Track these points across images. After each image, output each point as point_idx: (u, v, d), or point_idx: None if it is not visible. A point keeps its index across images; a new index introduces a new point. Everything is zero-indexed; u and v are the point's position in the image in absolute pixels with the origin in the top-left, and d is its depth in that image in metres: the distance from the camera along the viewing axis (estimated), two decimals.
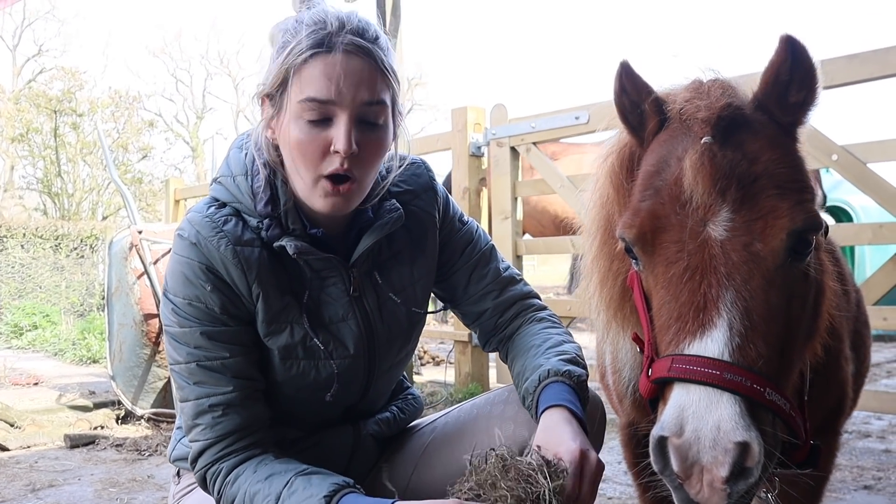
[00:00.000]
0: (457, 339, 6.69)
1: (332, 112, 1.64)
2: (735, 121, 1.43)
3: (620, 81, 1.55)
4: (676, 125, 1.49)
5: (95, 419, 5.54)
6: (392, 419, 2.10)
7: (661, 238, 1.40)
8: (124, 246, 5.64)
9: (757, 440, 1.20)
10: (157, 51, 37.84)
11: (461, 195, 6.68)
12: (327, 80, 1.63)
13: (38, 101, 25.86)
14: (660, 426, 1.26)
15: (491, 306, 2.05)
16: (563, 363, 1.80)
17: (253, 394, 1.76)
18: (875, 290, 4.45)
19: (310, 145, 1.65)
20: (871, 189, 4.41)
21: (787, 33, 1.40)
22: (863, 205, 10.05)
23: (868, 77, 4.35)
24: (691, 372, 1.26)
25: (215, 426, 1.71)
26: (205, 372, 1.71)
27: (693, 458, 1.20)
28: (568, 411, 1.67)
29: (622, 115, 1.59)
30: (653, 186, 1.44)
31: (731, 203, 1.35)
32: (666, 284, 1.38)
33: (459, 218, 2.09)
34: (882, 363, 8.38)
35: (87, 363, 9.51)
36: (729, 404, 1.22)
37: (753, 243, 1.34)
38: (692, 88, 1.53)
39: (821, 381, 1.82)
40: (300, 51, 1.64)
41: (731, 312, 1.30)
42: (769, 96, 1.47)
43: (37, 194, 27.93)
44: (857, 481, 3.99)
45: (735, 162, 1.38)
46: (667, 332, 1.36)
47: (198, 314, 1.71)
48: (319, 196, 1.69)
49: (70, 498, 3.96)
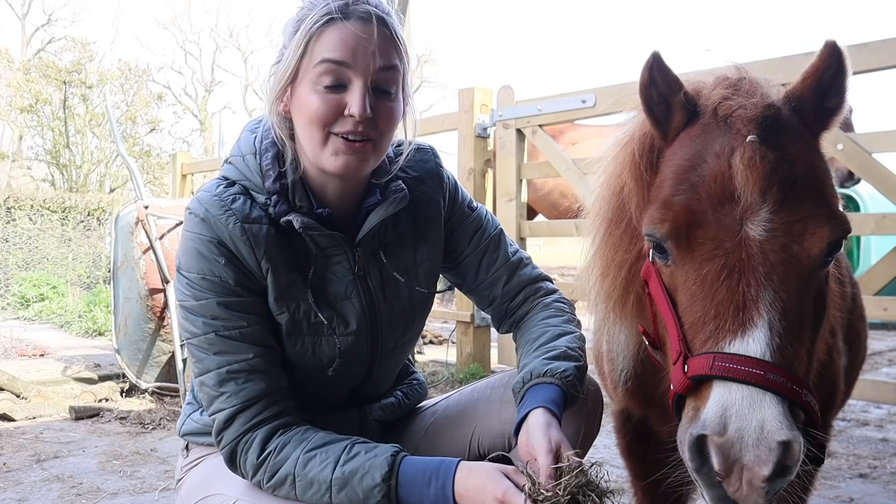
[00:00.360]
0: (459, 319, 6.73)
1: (348, 77, 1.69)
2: (776, 121, 1.43)
3: (651, 73, 1.52)
4: (710, 122, 1.48)
5: (100, 392, 5.60)
6: (397, 404, 2.13)
7: (696, 234, 1.40)
8: (130, 221, 5.67)
9: (798, 439, 1.21)
10: (167, 22, 37.79)
11: (466, 176, 6.69)
12: (343, 44, 1.68)
13: (48, 72, 25.81)
14: (700, 425, 1.26)
15: (501, 292, 2.08)
16: (547, 362, 1.82)
17: (273, 360, 1.79)
18: (877, 280, 4.46)
19: (324, 106, 1.69)
20: (876, 179, 4.40)
21: (832, 40, 1.41)
22: (870, 193, 10.01)
23: (876, 66, 4.32)
24: (735, 371, 1.26)
25: (240, 392, 1.73)
26: (224, 341, 1.73)
27: (735, 457, 1.21)
28: (545, 410, 1.70)
29: (647, 106, 1.56)
30: (688, 182, 1.43)
31: (773, 204, 1.35)
32: (700, 281, 1.38)
33: (468, 204, 2.11)
34: (884, 351, 8.39)
35: (93, 335, 9.59)
36: (772, 404, 1.23)
37: (791, 245, 1.34)
38: (726, 85, 1.52)
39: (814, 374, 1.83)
40: (316, 18, 1.68)
41: (771, 313, 1.30)
42: (807, 99, 1.48)
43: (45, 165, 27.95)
44: (852, 469, 4.02)
45: (777, 163, 1.38)
46: (702, 330, 1.36)
47: (213, 287, 1.74)
48: (331, 155, 1.72)
49: (74, 469, 4.02)
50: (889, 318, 4.50)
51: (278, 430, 1.74)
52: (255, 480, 1.73)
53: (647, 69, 1.53)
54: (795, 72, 1.54)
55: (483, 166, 6.77)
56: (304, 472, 1.66)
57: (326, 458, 1.66)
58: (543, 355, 1.85)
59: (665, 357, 1.58)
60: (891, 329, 10.19)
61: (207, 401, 1.77)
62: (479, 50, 75.50)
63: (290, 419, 1.77)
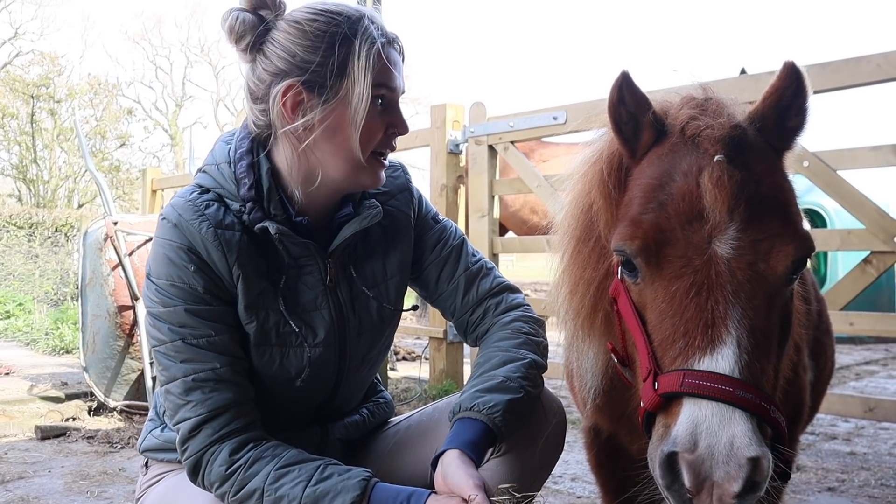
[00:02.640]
0: (432, 335, 6.72)
1: (393, 99, 1.82)
2: (742, 141, 1.46)
3: (620, 92, 1.54)
4: (678, 141, 1.50)
5: (67, 410, 5.51)
6: (361, 422, 2.12)
7: (665, 252, 1.41)
8: (99, 237, 5.61)
9: (767, 456, 1.22)
10: (137, 37, 37.53)
11: (439, 192, 6.70)
12: (394, 69, 1.80)
13: (15, 86, 25.54)
14: (671, 442, 1.27)
15: (460, 304, 2.07)
16: (479, 394, 1.78)
17: (241, 370, 1.78)
18: (843, 295, 4.52)
19: (378, 128, 1.80)
20: (841, 196, 4.48)
21: (791, 60, 1.44)
22: (836, 209, 10.17)
23: (839, 85, 4.41)
24: (705, 388, 1.27)
25: (206, 401, 1.71)
26: (191, 349, 1.72)
27: (706, 474, 1.22)
28: (459, 452, 1.65)
29: (616, 125, 1.58)
30: (657, 200, 1.45)
31: (740, 222, 1.37)
32: (669, 299, 1.39)
33: (433, 217, 2.13)
34: (851, 366, 8.51)
35: (60, 353, 9.44)
36: (742, 421, 1.24)
37: (758, 263, 1.36)
38: (693, 105, 1.54)
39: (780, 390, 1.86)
40: (372, 44, 1.74)
41: (740, 330, 1.32)
42: (769, 119, 1.50)
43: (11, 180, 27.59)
44: (821, 483, 4.06)
45: (744, 182, 1.40)
46: (671, 347, 1.37)
47: (181, 294, 1.73)
48: (370, 172, 1.83)
49: (40, 490, 3.95)
50: (856, 333, 4.57)
51: (248, 443, 1.72)
52: (219, 492, 1.71)
53: (617, 88, 1.54)
54: (762, 90, 1.56)
55: (455, 182, 6.79)
56: (273, 487, 1.65)
57: (299, 477, 1.64)
58: (478, 386, 1.82)
59: (634, 374, 1.58)
60: (858, 343, 10.34)
61: (173, 409, 1.75)
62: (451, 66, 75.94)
63: (260, 433, 1.76)
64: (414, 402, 6.06)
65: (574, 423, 4.61)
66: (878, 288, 9.87)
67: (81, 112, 26.95)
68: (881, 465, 4.42)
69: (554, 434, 1.96)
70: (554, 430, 1.95)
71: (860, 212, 4.38)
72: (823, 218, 11.18)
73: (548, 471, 1.98)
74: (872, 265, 4.41)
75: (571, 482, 4.02)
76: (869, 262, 4.43)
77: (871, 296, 9.21)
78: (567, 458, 4.46)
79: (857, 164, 4.55)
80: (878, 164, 4.46)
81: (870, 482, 4.07)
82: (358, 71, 1.72)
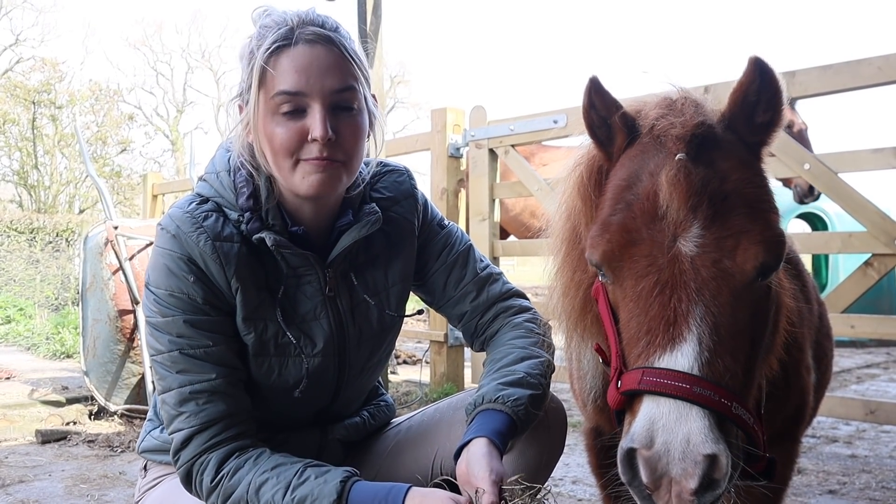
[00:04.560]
0: (433, 338, 6.71)
1: (305, 103, 1.69)
2: (707, 139, 1.45)
3: (589, 97, 1.56)
4: (648, 141, 1.50)
5: (68, 415, 5.50)
6: (361, 424, 2.11)
7: (632, 252, 1.41)
8: (100, 241, 5.61)
9: (725, 453, 1.21)
10: (138, 43, 37.58)
11: (439, 196, 6.70)
12: (295, 72, 1.68)
13: (16, 92, 25.58)
14: (629, 438, 1.27)
15: (470, 308, 2.07)
16: (502, 387, 1.80)
17: (236, 382, 1.78)
18: (844, 297, 4.52)
19: (286, 135, 1.69)
20: (842, 198, 4.48)
21: (756, 55, 1.42)
22: (837, 212, 10.17)
23: (841, 88, 4.42)
24: (662, 385, 1.27)
25: (200, 413, 1.71)
26: (188, 360, 1.72)
27: (662, 470, 1.21)
28: (487, 441, 1.67)
29: (590, 129, 1.60)
30: (624, 200, 1.45)
31: (703, 220, 1.37)
32: (635, 298, 1.39)
33: (439, 222, 2.11)
34: (852, 369, 8.49)
35: (61, 358, 9.43)
36: (698, 417, 1.23)
37: (723, 260, 1.35)
38: (663, 105, 1.54)
39: (781, 390, 1.85)
40: (265, 49, 1.68)
41: (701, 327, 1.31)
42: (737, 116, 1.49)
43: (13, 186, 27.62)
44: (822, 486, 4.05)
45: (707, 179, 1.39)
46: (636, 345, 1.37)
47: (180, 304, 1.73)
48: (301, 177, 1.72)
49: (40, 494, 3.94)
50: (857, 336, 4.56)
51: (234, 452, 1.72)
52: (210, 502, 1.72)
53: (587, 93, 1.57)
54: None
55: (456, 186, 6.79)
56: (256, 497, 1.65)
57: (277, 484, 1.65)
58: (500, 379, 1.83)
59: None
60: (859, 347, 10.32)
61: (167, 419, 1.75)
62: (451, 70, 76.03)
63: (248, 441, 1.76)
64: (414, 406, 6.06)
65: (575, 426, 4.61)
66: (880, 291, 9.86)
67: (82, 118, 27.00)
68: (882, 467, 4.41)
69: (556, 435, 1.95)
70: (556, 431, 1.95)
71: (861, 214, 4.38)
72: (824, 221, 11.19)
73: (548, 471, 1.98)
74: (874, 268, 4.42)
75: (572, 485, 4.01)
76: (870, 265, 4.43)
77: (873, 299, 9.20)
78: (568, 460, 4.45)
79: (859, 167, 4.54)
80: (879, 166, 4.46)
81: (871, 485, 4.06)
82: (251, 80, 1.71)
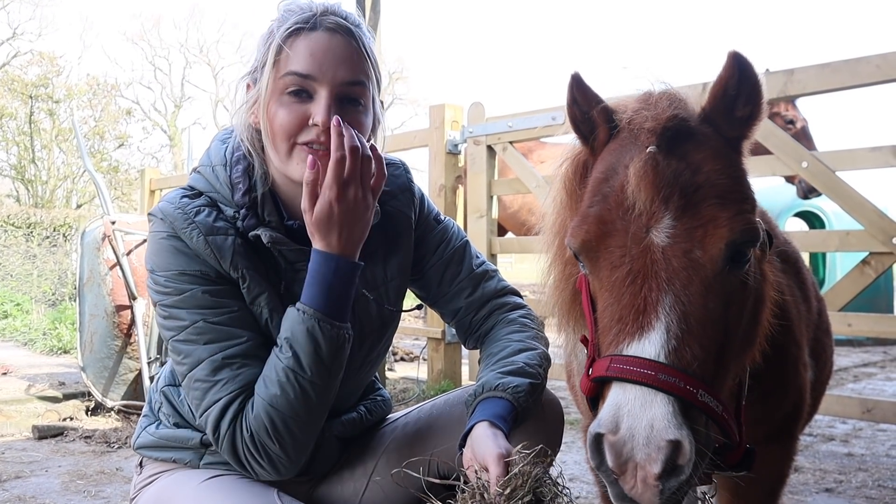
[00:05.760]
0: (430, 335, 6.71)
1: (313, 87, 1.69)
2: (680, 132, 1.47)
3: (572, 92, 1.59)
4: (625, 135, 1.53)
5: (64, 410, 5.50)
6: (358, 419, 2.10)
7: (607, 242, 1.44)
8: (97, 236, 5.60)
9: (688, 439, 1.23)
10: (136, 37, 37.50)
11: (437, 192, 6.70)
12: (310, 55, 1.68)
13: (13, 86, 25.53)
14: (596, 423, 1.29)
15: (464, 304, 2.06)
16: (501, 376, 1.81)
17: (265, 344, 1.74)
18: (842, 295, 4.52)
19: (288, 116, 1.68)
20: (839, 197, 4.48)
21: (735, 49, 1.44)
22: (835, 210, 10.19)
23: (839, 86, 4.42)
24: (628, 372, 1.29)
25: (237, 377, 1.67)
26: (214, 328, 1.68)
27: (627, 455, 1.24)
28: (489, 424, 1.68)
29: (574, 124, 1.63)
30: (601, 193, 1.48)
31: (674, 211, 1.39)
32: (610, 287, 1.42)
33: (435, 217, 2.11)
34: (849, 367, 8.52)
35: (58, 353, 9.44)
36: (662, 404, 1.25)
37: (693, 250, 1.37)
38: (641, 100, 1.57)
39: (778, 386, 1.86)
40: (285, 30, 1.69)
41: (669, 316, 1.33)
42: (716, 110, 1.51)
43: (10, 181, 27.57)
44: (819, 484, 4.06)
45: (678, 171, 1.41)
46: (608, 333, 1.40)
47: (193, 280, 1.70)
48: (296, 164, 1.70)
49: (36, 490, 3.94)
50: (854, 334, 4.57)
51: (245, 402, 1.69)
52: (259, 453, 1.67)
53: (569, 89, 1.60)
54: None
55: (454, 182, 6.79)
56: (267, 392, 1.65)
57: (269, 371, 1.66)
58: (499, 369, 1.84)
59: None
60: (856, 345, 10.35)
61: (200, 395, 1.69)
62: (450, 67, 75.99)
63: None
64: (412, 403, 6.06)
65: (572, 424, 4.62)
66: (877, 289, 9.89)
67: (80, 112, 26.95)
68: (879, 466, 4.43)
69: (553, 431, 1.96)
70: (553, 427, 1.95)
71: (859, 213, 4.38)
72: (822, 219, 11.21)
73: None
74: (871, 266, 4.42)
75: (569, 482, 4.01)
76: (867, 264, 4.43)
77: (870, 297, 9.22)
78: (565, 458, 4.45)
79: (856, 166, 4.54)
80: (877, 165, 4.46)
81: (867, 483, 4.08)
82: (266, 57, 1.71)
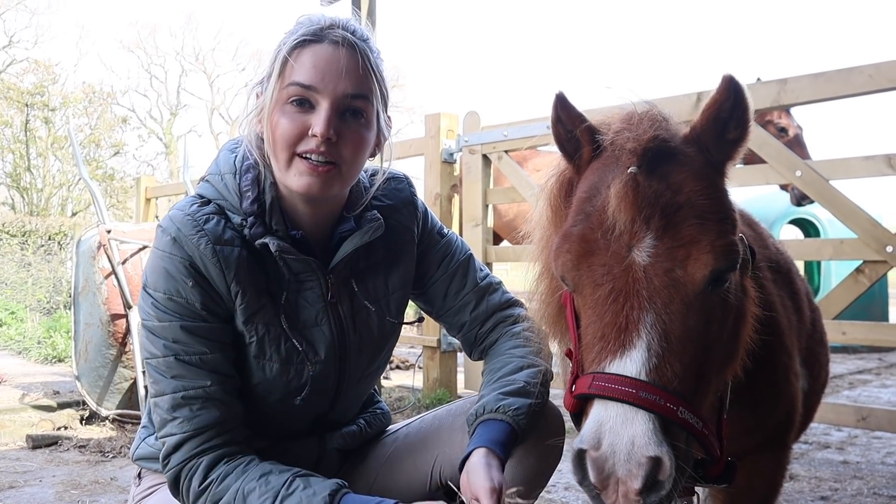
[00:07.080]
0: (426, 344, 6.71)
1: (315, 98, 1.71)
2: (661, 152, 1.48)
3: (556, 111, 1.61)
4: (608, 154, 1.55)
5: (59, 419, 5.48)
6: (358, 432, 2.11)
7: (590, 261, 1.46)
8: (92, 245, 5.59)
9: (668, 455, 1.26)
10: (132, 45, 37.49)
11: (433, 201, 6.71)
12: (313, 67, 1.70)
13: (9, 94, 25.51)
14: (579, 439, 1.32)
15: (469, 318, 2.08)
16: (502, 397, 1.83)
17: (231, 390, 1.77)
18: (836, 304, 4.53)
19: (289, 125, 1.70)
20: (833, 205, 4.49)
21: (729, 74, 1.46)
22: (830, 218, 10.21)
23: (832, 95, 4.43)
24: (609, 389, 1.32)
25: (193, 419, 1.71)
26: (183, 366, 1.71)
27: (609, 471, 1.26)
28: (487, 451, 1.70)
29: (559, 142, 1.65)
30: (584, 212, 1.50)
31: (655, 230, 1.41)
32: (592, 305, 1.44)
33: (439, 231, 2.12)
34: (844, 375, 8.52)
35: (53, 362, 9.39)
36: (643, 421, 1.28)
37: (674, 270, 1.39)
38: (624, 119, 1.58)
39: (769, 396, 1.87)
40: (292, 41, 1.71)
41: (651, 334, 1.36)
42: (707, 132, 1.53)
43: (5, 188, 27.52)
44: (814, 492, 4.06)
45: (659, 192, 1.43)
46: (591, 351, 1.42)
47: (178, 309, 1.72)
48: (294, 175, 1.72)
49: (30, 500, 3.92)
50: (848, 342, 4.58)
51: (223, 458, 1.72)
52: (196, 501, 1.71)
53: (553, 108, 1.61)
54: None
55: (449, 191, 6.79)
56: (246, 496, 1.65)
57: (265, 493, 1.64)
58: (500, 389, 1.86)
59: None
60: (851, 353, 10.35)
61: (159, 423, 1.75)
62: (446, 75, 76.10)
63: (238, 448, 1.75)
64: (407, 411, 6.06)
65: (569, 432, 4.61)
66: (871, 297, 9.90)
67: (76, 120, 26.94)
68: (874, 473, 4.43)
69: (552, 445, 1.96)
70: (553, 440, 1.96)
71: (853, 221, 4.40)
72: (816, 227, 11.23)
73: (546, 479, 1.99)
74: (865, 274, 4.43)
75: (565, 491, 4.01)
76: (861, 272, 4.44)
77: (864, 305, 9.24)
78: (561, 466, 4.43)
79: (850, 174, 4.56)
80: (870, 174, 4.48)
81: (863, 491, 4.08)
82: (273, 68, 1.73)
